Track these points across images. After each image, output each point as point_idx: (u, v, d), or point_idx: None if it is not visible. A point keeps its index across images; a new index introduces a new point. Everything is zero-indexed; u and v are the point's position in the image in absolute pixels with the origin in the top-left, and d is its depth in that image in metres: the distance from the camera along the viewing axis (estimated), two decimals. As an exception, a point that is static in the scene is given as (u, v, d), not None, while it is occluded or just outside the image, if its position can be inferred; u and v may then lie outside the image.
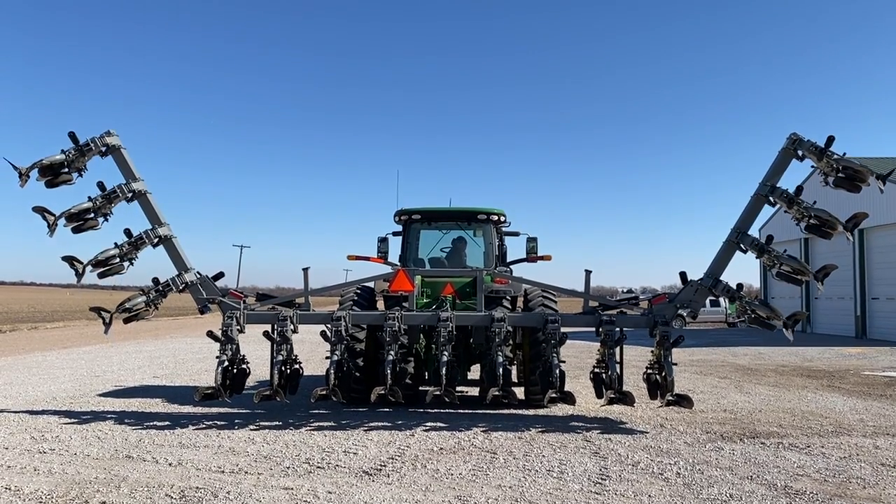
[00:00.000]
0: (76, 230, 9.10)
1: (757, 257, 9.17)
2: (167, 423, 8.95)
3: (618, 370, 8.91)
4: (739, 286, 9.14)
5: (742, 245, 9.10)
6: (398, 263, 11.67)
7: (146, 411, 9.94)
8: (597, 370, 9.18)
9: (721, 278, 9.19)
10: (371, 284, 10.71)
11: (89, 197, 9.12)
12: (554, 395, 8.66)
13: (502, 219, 11.62)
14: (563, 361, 9.00)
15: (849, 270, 28.21)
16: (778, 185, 8.92)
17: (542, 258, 11.74)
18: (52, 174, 9.00)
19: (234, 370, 9.15)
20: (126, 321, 9.37)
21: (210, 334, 9.20)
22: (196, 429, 8.54)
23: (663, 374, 8.79)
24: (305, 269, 9.71)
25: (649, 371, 9.11)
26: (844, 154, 8.52)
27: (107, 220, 9.23)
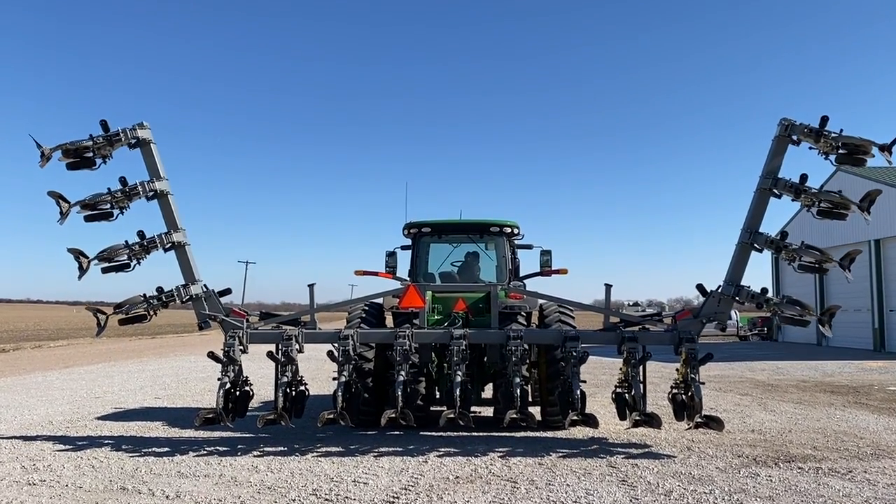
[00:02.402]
0: (89, 219, 8.73)
1: (774, 254, 8.74)
2: (166, 449, 8.49)
3: (642, 390, 8.42)
4: (764, 290, 8.67)
5: (756, 244, 8.63)
6: (407, 278, 11.24)
7: (145, 436, 9.48)
8: (619, 390, 8.69)
9: (742, 283, 8.73)
10: (380, 301, 10.26)
11: (109, 189, 8.73)
12: (575, 417, 8.17)
13: (515, 231, 11.17)
14: (584, 381, 8.52)
15: (865, 282, 27.65)
16: (780, 176, 8.50)
17: (557, 272, 11.28)
18: (76, 157, 8.67)
19: (237, 392, 8.69)
20: (122, 322, 8.92)
21: (211, 355, 8.75)
22: (196, 456, 8.07)
23: (690, 393, 8.29)
24: (311, 286, 9.27)
25: (675, 391, 8.60)
26: (842, 131, 8.14)
27: (122, 213, 8.85)
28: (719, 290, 8.78)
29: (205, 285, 9.09)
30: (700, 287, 9.03)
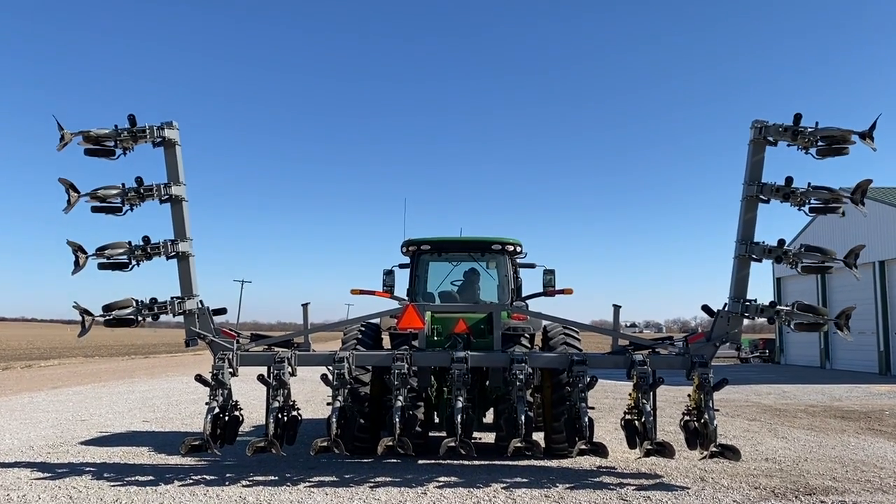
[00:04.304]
0: (96, 210, 8.35)
1: (776, 262, 8.38)
2: (151, 477, 8.02)
3: (653, 418, 7.99)
4: (773, 303, 8.30)
5: (754, 255, 8.30)
6: (405, 298, 10.82)
7: (129, 463, 9.01)
8: (628, 417, 8.26)
9: (749, 298, 8.36)
10: (377, 321, 9.84)
11: (123, 185, 8.35)
12: (584, 446, 7.72)
13: (518, 249, 10.77)
14: (592, 408, 8.10)
15: (870, 304, 27.25)
16: (765, 181, 8.23)
17: (561, 292, 10.86)
18: (96, 145, 8.36)
19: (226, 418, 8.24)
20: (107, 324, 8.43)
21: (199, 378, 8.31)
22: (182, 485, 7.61)
23: (703, 421, 7.87)
24: (305, 305, 8.87)
25: (687, 418, 8.17)
26: (817, 124, 7.98)
27: (132, 209, 8.47)
28: (726, 309, 8.42)
29: (200, 301, 8.70)
30: (706, 308, 8.65)
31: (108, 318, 8.36)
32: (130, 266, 8.42)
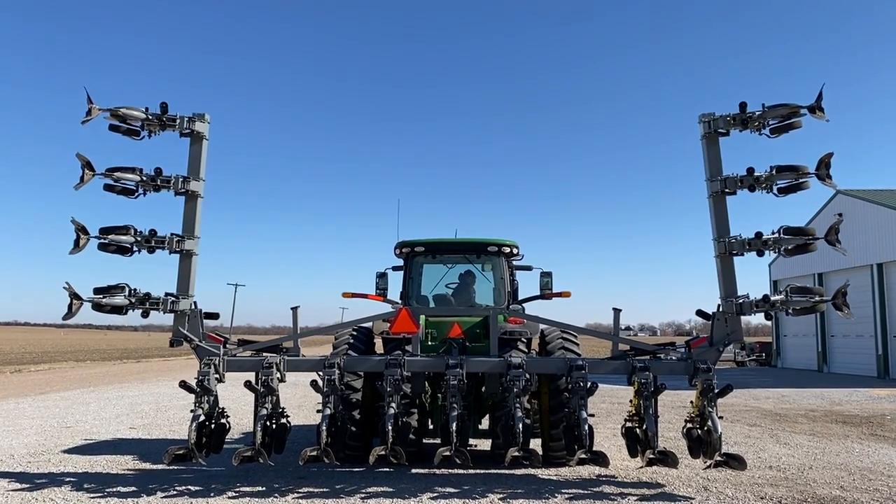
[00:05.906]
0: (108, 189, 8.13)
1: (757, 254, 8.17)
2: (133, 488, 7.70)
3: (655, 425, 7.72)
4: (766, 297, 8.06)
5: (733, 250, 8.13)
6: (399, 301, 10.53)
7: (112, 472, 8.69)
8: (629, 424, 7.98)
9: (741, 293, 8.16)
10: (369, 325, 9.54)
11: (141, 170, 8.12)
12: (584, 455, 7.45)
13: (514, 251, 10.49)
14: (592, 415, 7.82)
15: (868, 307, 27.05)
16: (727, 174, 8.15)
17: (559, 294, 10.59)
18: (122, 123, 8.20)
19: (212, 426, 7.93)
20: (95, 307, 8.08)
21: (184, 385, 8.00)
22: (165, 496, 7.30)
23: (707, 428, 7.59)
24: (294, 309, 8.57)
25: (690, 425, 7.90)
26: (764, 105, 8.02)
27: (144, 195, 8.28)
28: (720, 310, 8.18)
29: (195, 302, 8.41)
30: (700, 312, 8.43)
31: (96, 300, 8.03)
32: (131, 252, 8.17)
